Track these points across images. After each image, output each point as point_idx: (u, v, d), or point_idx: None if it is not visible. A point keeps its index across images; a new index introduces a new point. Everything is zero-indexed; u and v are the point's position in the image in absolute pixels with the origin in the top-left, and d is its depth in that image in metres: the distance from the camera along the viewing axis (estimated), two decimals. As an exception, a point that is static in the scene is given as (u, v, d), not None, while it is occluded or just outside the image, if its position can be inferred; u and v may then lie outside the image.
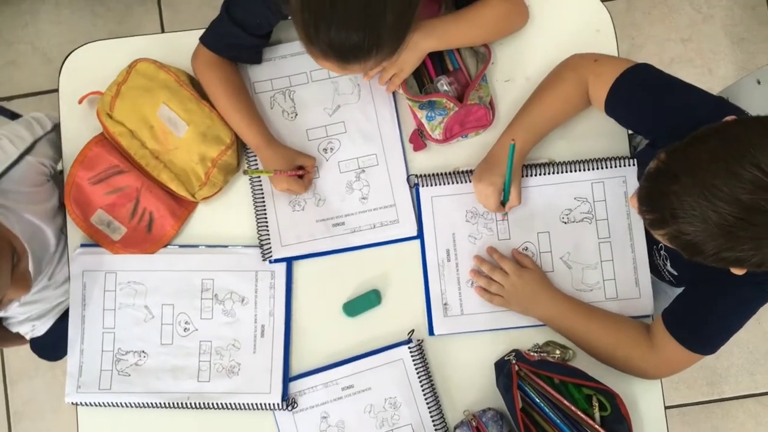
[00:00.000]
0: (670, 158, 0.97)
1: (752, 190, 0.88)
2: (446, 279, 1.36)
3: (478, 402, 1.34)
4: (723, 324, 1.19)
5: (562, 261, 1.35)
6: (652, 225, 1.00)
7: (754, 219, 0.89)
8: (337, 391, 1.33)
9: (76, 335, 1.36)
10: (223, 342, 1.35)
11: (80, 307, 1.37)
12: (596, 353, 1.29)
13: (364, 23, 1.06)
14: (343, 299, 1.37)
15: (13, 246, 1.14)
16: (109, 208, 1.38)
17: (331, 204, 1.38)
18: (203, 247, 1.38)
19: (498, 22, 1.35)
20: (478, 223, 1.37)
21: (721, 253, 0.94)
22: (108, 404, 1.34)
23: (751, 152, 0.89)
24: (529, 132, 1.29)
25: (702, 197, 0.91)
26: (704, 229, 0.92)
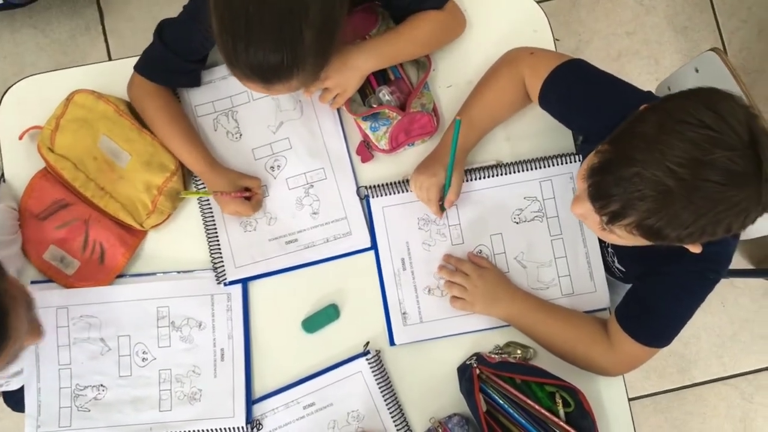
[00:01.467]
0: (615, 146, 0.97)
1: (709, 148, 0.88)
2: (403, 288, 1.36)
3: (444, 408, 1.33)
4: (672, 315, 1.20)
5: (516, 261, 1.36)
6: (613, 218, 0.98)
7: (717, 178, 0.89)
8: (299, 411, 1.32)
9: (31, 374, 1.34)
10: (183, 369, 1.34)
11: (34, 346, 1.34)
12: (557, 350, 1.30)
13: (281, 43, 1.06)
14: (302, 316, 1.36)
15: (27, 293, 1.11)
16: (61, 243, 1.36)
17: (282, 221, 1.37)
18: (157, 275, 1.36)
19: (436, 35, 1.36)
20: (431, 230, 1.37)
21: (686, 230, 0.93)
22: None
23: (693, 113, 0.90)
24: (469, 129, 1.30)
25: (658, 170, 0.90)
26: (666, 205, 0.91)
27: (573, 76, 1.26)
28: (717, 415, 2.29)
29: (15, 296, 1.00)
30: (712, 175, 0.89)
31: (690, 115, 0.91)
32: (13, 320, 0.98)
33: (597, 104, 1.20)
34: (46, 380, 1.34)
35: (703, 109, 0.90)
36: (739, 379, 2.30)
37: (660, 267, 1.16)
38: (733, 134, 0.89)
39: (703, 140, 0.89)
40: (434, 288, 1.36)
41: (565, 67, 1.26)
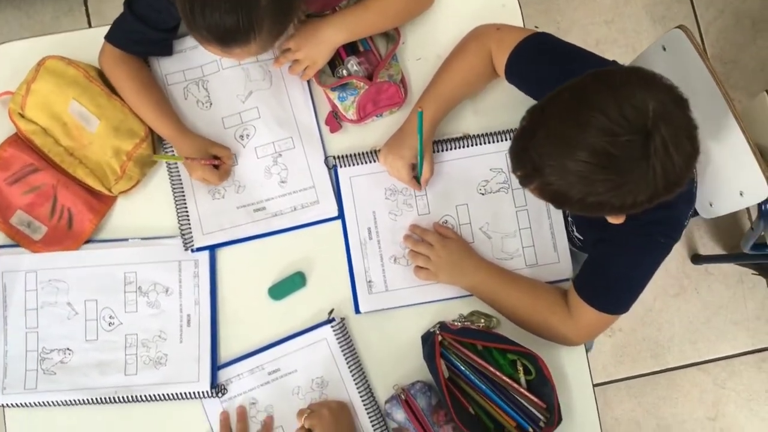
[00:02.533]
0: (530, 116, 1.02)
1: (599, 135, 0.92)
2: (369, 257, 1.37)
3: (408, 376, 1.34)
4: (627, 281, 1.22)
5: (481, 231, 1.38)
6: (522, 182, 1.04)
7: (604, 162, 0.93)
8: (263, 377, 1.34)
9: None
10: (149, 334, 1.35)
11: (1, 309, 1.35)
12: (519, 319, 1.32)
13: (236, 6, 1.08)
14: (269, 283, 1.37)
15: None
16: (29, 208, 1.37)
17: (250, 190, 1.39)
18: (125, 241, 1.37)
19: (406, 8, 1.38)
20: (398, 200, 1.39)
21: (585, 199, 0.97)
22: (35, 404, 1.33)
23: (595, 99, 0.93)
24: (437, 102, 1.32)
25: (557, 147, 0.96)
26: (564, 178, 0.96)
27: (538, 49, 1.28)
28: (690, 400, 2.31)
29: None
30: (596, 158, 0.93)
31: (592, 99, 0.94)
32: None
33: (562, 76, 1.22)
34: (12, 343, 1.34)
35: (606, 94, 0.94)
36: (712, 364, 2.33)
37: (612, 234, 1.18)
38: (624, 121, 0.91)
39: (594, 124, 0.92)
40: (400, 257, 1.37)
41: (531, 40, 1.28)
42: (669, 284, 2.35)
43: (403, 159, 1.31)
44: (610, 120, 0.91)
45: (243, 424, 1.32)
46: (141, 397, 1.32)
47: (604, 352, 2.32)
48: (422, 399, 1.30)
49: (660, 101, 0.92)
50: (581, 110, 0.94)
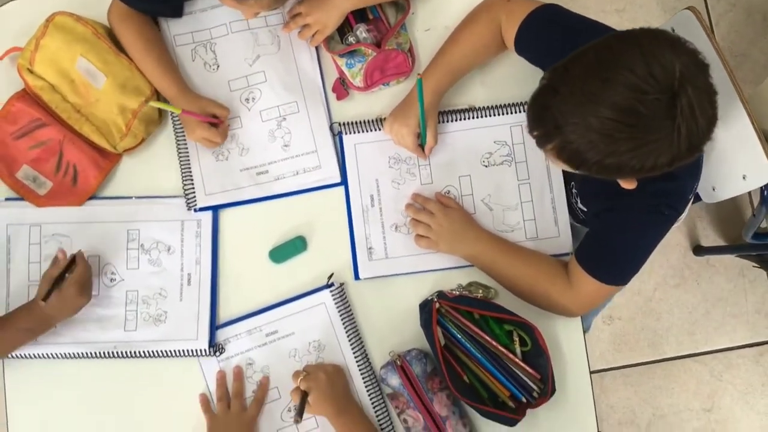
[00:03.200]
0: (551, 75, 1.01)
1: (626, 92, 0.91)
2: (370, 224, 1.38)
3: (404, 344, 1.35)
4: (629, 251, 1.22)
5: (483, 203, 1.38)
6: (539, 142, 1.03)
7: (630, 120, 0.92)
8: (261, 338, 1.34)
9: (1, 289, 1.35)
10: (150, 291, 1.36)
11: (5, 261, 1.36)
12: (518, 290, 1.32)
13: None
14: (270, 246, 1.38)
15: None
16: (34, 163, 1.38)
17: (254, 153, 1.39)
18: (128, 199, 1.38)
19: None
20: (401, 169, 1.39)
21: (604, 160, 0.97)
22: (35, 356, 1.34)
23: (623, 57, 0.93)
24: (444, 72, 1.32)
25: (581, 105, 0.95)
26: (585, 135, 0.95)
27: (549, 20, 1.27)
28: (686, 391, 2.31)
29: None
30: (621, 116, 0.93)
31: (619, 56, 0.94)
32: None
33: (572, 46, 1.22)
34: (15, 295, 1.35)
35: (633, 52, 0.93)
36: (710, 356, 2.33)
37: (616, 204, 1.18)
38: (652, 80, 0.91)
39: (621, 82, 0.92)
40: (401, 225, 1.38)
41: (541, 11, 1.28)
42: (670, 274, 2.35)
43: (408, 127, 1.31)
44: (638, 77, 0.91)
45: (239, 383, 1.33)
46: (140, 353, 1.33)
47: (602, 339, 2.32)
48: (417, 365, 1.30)
49: (685, 63, 0.92)
50: (608, 67, 0.93)
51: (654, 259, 2.28)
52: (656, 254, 2.24)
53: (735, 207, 2.35)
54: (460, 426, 1.29)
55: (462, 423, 1.30)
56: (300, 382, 1.25)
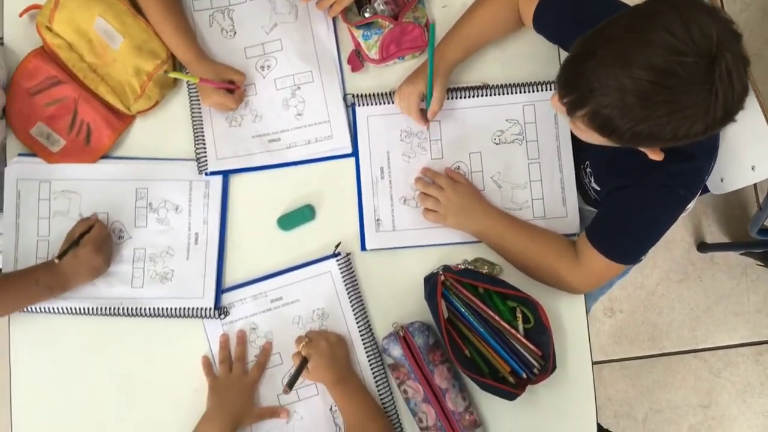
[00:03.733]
0: (586, 41, 1.00)
1: (664, 54, 0.91)
2: (379, 196, 1.39)
3: (407, 316, 1.36)
4: (641, 231, 1.23)
5: (492, 180, 1.39)
6: (572, 107, 1.01)
7: (667, 82, 0.91)
8: (266, 303, 1.35)
9: (10, 244, 1.36)
10: (157, 249, 1.37)
11: (14, 216, 1.37)
12: (525, 266, 1.33)
13: None
14: (278, 213, 1.39)
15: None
16: (49, 121, 1.39)
17: (267, 120, 1.40)
18: (139, 159, 1.39)
19: None
20: (413, 143, 1.40)
21: (636, 127, 0.96)
22: (41, 310, 1.35)
23: (661, 19, 0.92)
24: (457, 45, 1.33)
25: (617, 67, 0.93)
26: (621, 99, 0.94)
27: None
28: (684, 386, 2.32)
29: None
30: (659, 77, 0.92)
31: (657, 19, 0.93)
32: None
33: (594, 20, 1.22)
34: (23, 250, 1.36)
35: (672, 15, 0.92)
36: (709, 353, 2.33)
37: (632, 182, 1.19)
38: (691, 42, 0.90)
39: (659, 43, 0.91)
40: (410, 199, 1.39)
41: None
42: (673, 270, 2.35)
43: (415, 86, 1.31)
44: (677, 39, 0.90)
45: (242, 347, 1.34)
46: (146, 310, 1.34)
47: (603, 332, 2.33)
48: (420, 337, 1.31)
49: (721, 30, 0.91)
50: (646, 29, 0.92)
51: (657, 254, 2.31)
52: (660, 249, 2.26)
53: (740, 205, 2.36)
54: (460, 399, 1.30)
55: (461, 396, 1.31)
56: (302, 348, 1.26)
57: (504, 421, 1.34)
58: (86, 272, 1.29)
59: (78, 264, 1.28)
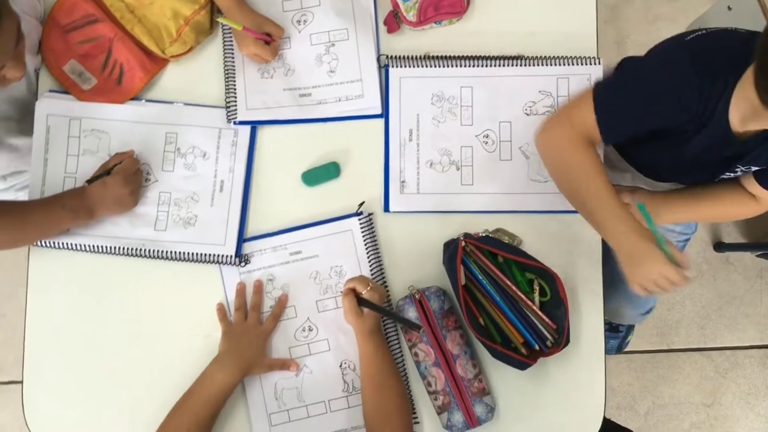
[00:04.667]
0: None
1: None
2: (406, 158, 1.38)
3: (424, 280, 1.36)
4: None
5: (520, 151, 1.38)
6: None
7: None
8: (285, 256, 1.36)
9: (37, 178, 1.37)
10: (182, 194, 1.37)
11: (43, 151, 1.38)
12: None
13: None
14: (303, 168, 1.39)
15: (19, 24, 1.13)
16: (82, 59, 1.39)
17: (299, 75, 1.40)
18: (170, 104, 1.39)
19: None
20: (443, 107, 1.39)
21: None
22: (62, 246, 1.35)
23: None
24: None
25: None
26: None
27: (613, 93, 1.23)
28: (689, 384, 2.31)
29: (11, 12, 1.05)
30: None
31: None
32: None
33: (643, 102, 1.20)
34: (50, 185, 1.37)
35: None
36: (717, 352, 2.32)
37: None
38: None
39: None
40: (436, 163, 1.38)
41: (598, 93, 1.23)
42: (687, 267, 2.34)
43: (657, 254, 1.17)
44: None
45: (258, 297, 1.34)
46: (167, 253, 1.35)
47: (612, 323, 2.32)
48: (435, 302, 1.31)
49: None
50: None
51: (673, 250, 2.28)
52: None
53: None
54: (470, 366, 1.30)
55: (472, 364, 1.31)
56: (366, 292, 1.25)
57: (512, 392, 1.34)
58: (112, 202, 1.30)
59: (106, 192, 1.28)
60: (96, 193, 1.29)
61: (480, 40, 1.41)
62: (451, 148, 1.39)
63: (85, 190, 1.29)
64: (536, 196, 1.37)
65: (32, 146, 1.38)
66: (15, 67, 1.15)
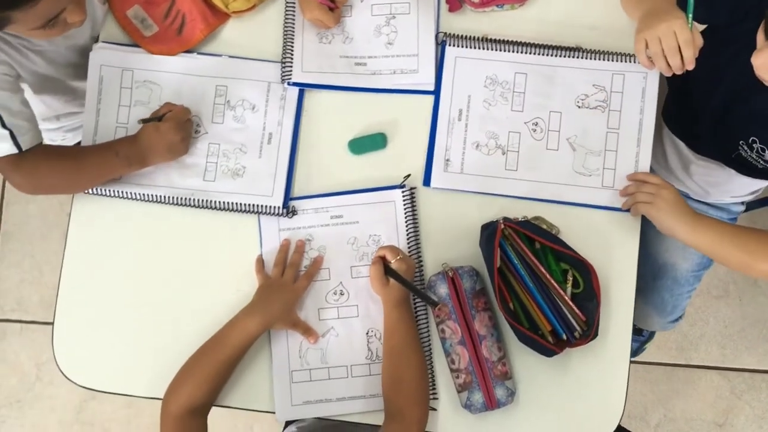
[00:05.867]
0: None
1: None
2: (453, 136, 1.39)
3: (458, 260, 1.36)
4: None
5: (568, 142, 1.38)
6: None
7: None
8: (325, 218, 1.37)
9: (90, 127, 1.39)
10: (231, 146, 1.39)
11: (95, 101, 1.40)
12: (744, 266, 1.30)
13: None
14: (350, 136, 1.40)
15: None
16: (146, 5, 1.41)
17: (357, 43, 1.41)
18: (218, 56, 1.41)
19: None
20: (495, 91, 1.40)
21: None
22: (114, 193, 1.38)
23: None
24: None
25: None
26: None
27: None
28: (702, 401, 2.30)
29: None
30: None
31: None
32: None
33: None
34: (102, 135, 1.39)
35: None
36: (735, 373, 2.31)
37: None
38: None
39: None
40: (483, 145, 1.39)
41: None
42: (714, 285, 2.33)
43: (679, 18, 1.18)
44: None
45: (298, 255, 1.35)
46: (215, 203, 1.36)
47: (632, 332, 2.31)
48: (468, 281, 1.32)
49: None
50: None
51: (702, 266, 2.27)
52: (706, 262, 2.21)
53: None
54: (495, 348, 1.31)
55: (497, 346, 1.31)
56: (395, 262, 1.27)
57: (533, 379, 1.34)
58: (164, 149, 1.32)
59: (158, 138, 1.30)
60: (148, 140, 1.31)
61: (539, 28, 1.41)
62: (499, 132, 1.39)
63: (138, 137, 1.31)
64: (579, 189, 1.37)
65: (86, 97, 1.40)
66: (74, 11, 1.15)
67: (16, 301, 2.29)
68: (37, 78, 1.35)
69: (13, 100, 1.22)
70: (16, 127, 1.20)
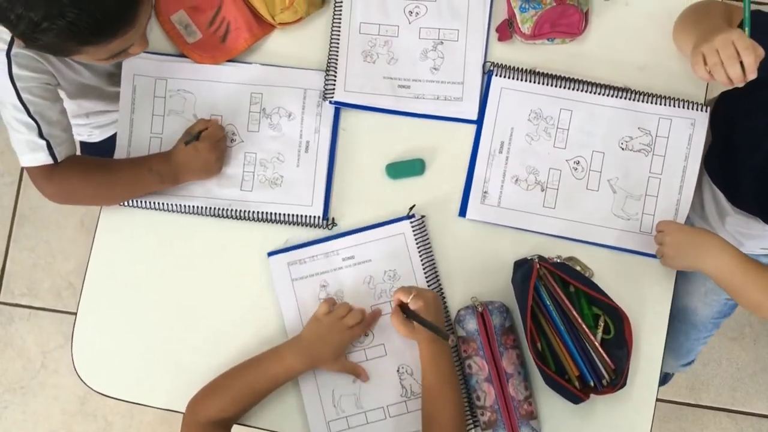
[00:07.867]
0: None
1: None
2: (493, 168, 1.37)
3: (487, 294, 1.34)
4: None
5: (609, 183, 1.36)
6: None
7: None
8: (337, 262, 1.34)
9: (124, 138, 1.37)
10: (268, 155, 1.36)
11: (129, 111, 1.38)
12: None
13: None
14: (388, 160, 1.38)
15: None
16: (191, 11, 1.39)
17: (402, 65, 1.38)
18: (255, 65, 1.39)
19: None
20: (539, 126, 1.37)
21: None
22: (150, 205, 1.36)
23: None
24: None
25: None
26: None
27: None
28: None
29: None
30: None
31: None
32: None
33: None
34: (137, 146, 1.37)
35: None
36: (744, 417, 2.29)
37: None
38: None
39: None
40: (522, 180, 1.37)
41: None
42: (729, 326, 2.30)
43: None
44: None
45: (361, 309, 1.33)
46: (254, 214, 1.34)
47: (643, 367, 2.29)
48: (498, 317, 1.30)
49: None
50: None
51: (719, 306, 2.25)
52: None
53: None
54: (522, 387, 1.29)
55: (524, 385, 1.29)
56: (411, 300, 1.23)
57: (557, 422, 1.32)
58: (199, 168, 1.30)
59: (193, 157, 1.28)
60: (183, 159, 1.29)
61: (588, 64, 1.39)
62: (540, 168, 1.37)
63: (172, 154, 1.30)
64: (616, 232, 1.35)
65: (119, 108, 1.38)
66: (140, 43, 1.18)
67: (27, 286, 2.27)
68: (76, 86, 1.34)
69: (52, 110, 1.21)
70: (53, 138, 1.19)
